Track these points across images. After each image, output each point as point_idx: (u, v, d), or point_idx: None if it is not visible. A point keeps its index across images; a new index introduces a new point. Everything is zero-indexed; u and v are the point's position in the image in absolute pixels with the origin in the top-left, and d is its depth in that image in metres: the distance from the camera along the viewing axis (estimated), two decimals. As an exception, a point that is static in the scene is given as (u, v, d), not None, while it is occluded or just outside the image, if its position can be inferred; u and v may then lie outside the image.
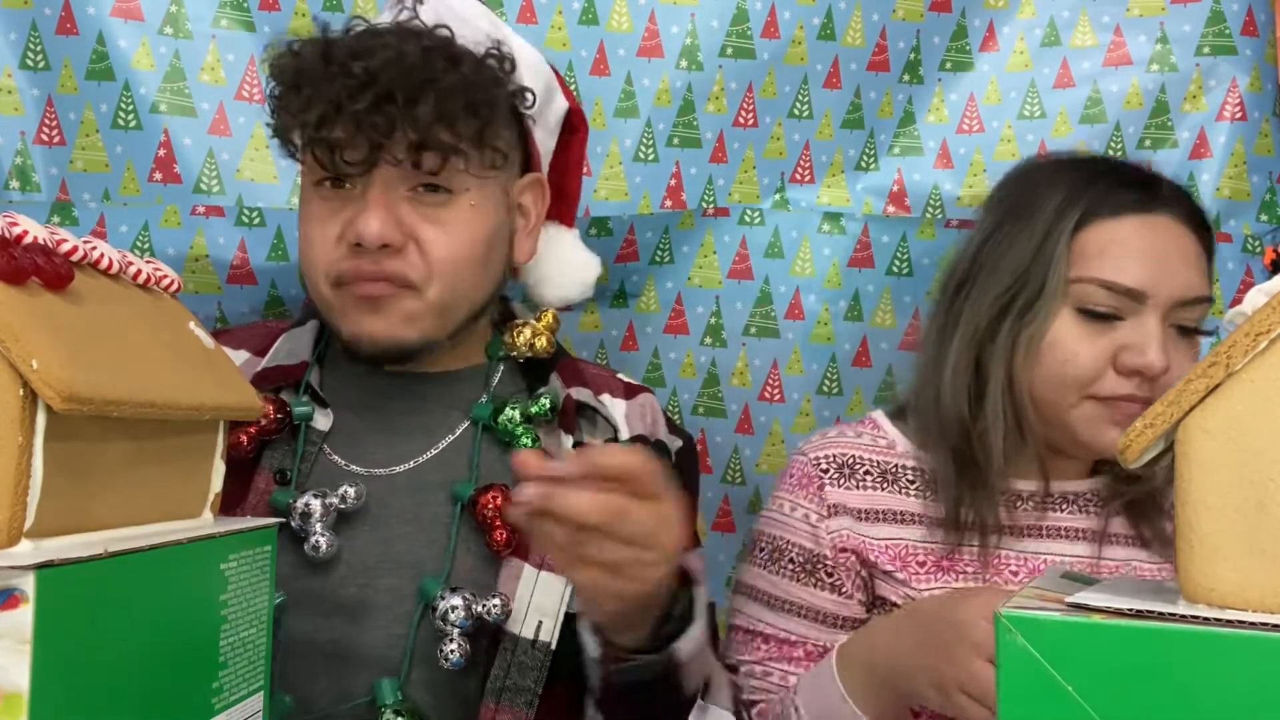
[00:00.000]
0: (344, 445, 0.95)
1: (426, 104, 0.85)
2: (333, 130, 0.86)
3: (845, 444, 1.06)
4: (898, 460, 1.05)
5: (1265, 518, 0.48)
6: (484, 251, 0.93)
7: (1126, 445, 0.52)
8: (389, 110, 0.85)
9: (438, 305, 0.91)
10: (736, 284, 1.32)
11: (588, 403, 0.98)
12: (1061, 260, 0.96)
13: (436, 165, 0.88)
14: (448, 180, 0.90)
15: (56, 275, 0.52)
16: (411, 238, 0.89)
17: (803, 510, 1.03)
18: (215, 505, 0.64)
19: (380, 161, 0.88)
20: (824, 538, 1.02)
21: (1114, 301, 0.95)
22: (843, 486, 1.03)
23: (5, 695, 0.42)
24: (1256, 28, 1.27)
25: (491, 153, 0.92)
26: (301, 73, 0.88)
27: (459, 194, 0.91)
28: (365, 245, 0.88)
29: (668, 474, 0.71)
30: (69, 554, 0.46)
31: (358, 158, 0.87)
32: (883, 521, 1.02)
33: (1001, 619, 0.47)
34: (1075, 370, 0.95)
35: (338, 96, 0.85)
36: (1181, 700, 0.44)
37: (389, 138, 0.86)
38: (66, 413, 0.47)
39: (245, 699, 0.62)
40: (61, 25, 1.17)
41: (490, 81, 0.91)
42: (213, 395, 0.60)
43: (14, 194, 1.18)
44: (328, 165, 0.88)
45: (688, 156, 1.28)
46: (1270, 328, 0.48)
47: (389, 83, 0.85)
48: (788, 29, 1.27)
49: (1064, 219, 0.97)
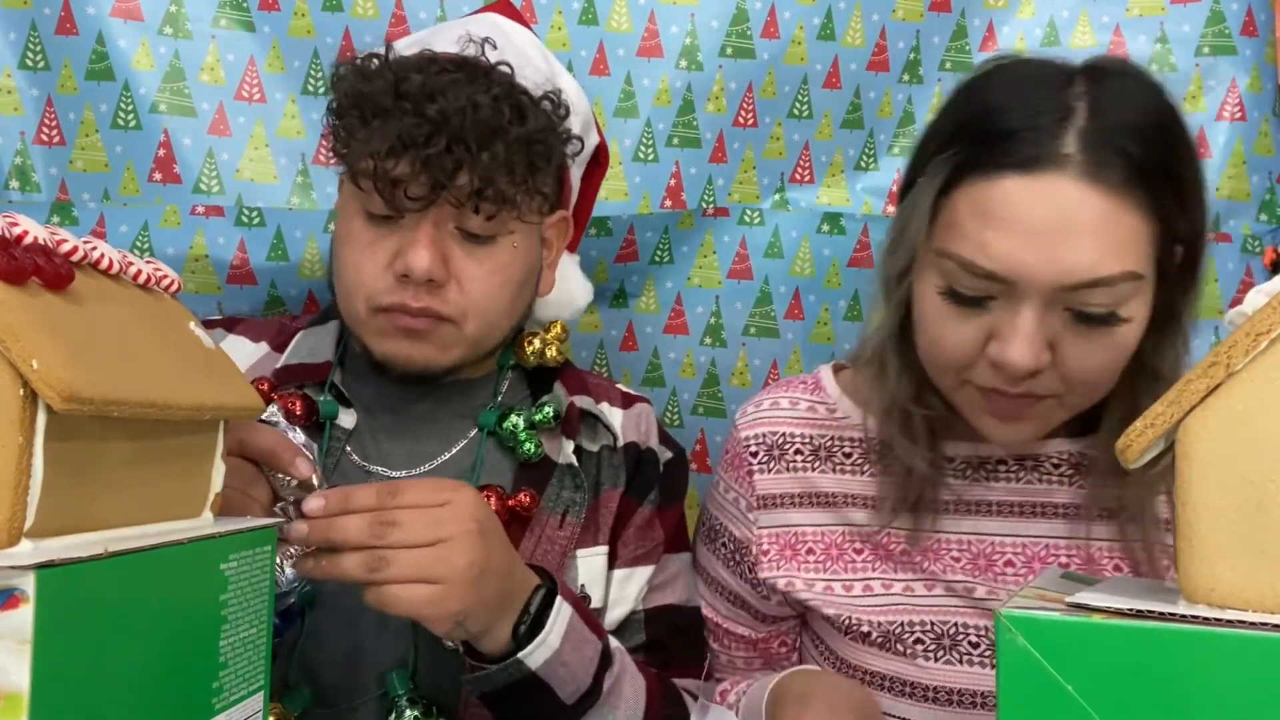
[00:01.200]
0: (364, 446, 0.97)
1: (493, 153, 0.88)
2: (398, 166, 0.88)
3: (777, 418, 1.01)
4: (835, 432, 0.99)
5: (1265, 518, 0.48)
6: (519, 290, 0.97)
7: (1126, 445, 0.52)
8: (457, 154, 0.87)
9: (473, 338, 0.94)
10: (736, 284, 1.32)
11: (590, 410, 1.00)
12: (923, 229, 0.83)
13: (492, 211, 0.90)
14: (493, 228, 0.93)
15: (56, 275, 0.52)
16: (454, 275, 0.92)
17: (734, 494, 1.03)
18: (216, 505, 0.64)
19: (439, 201, 0.89)
20: (753, 529, 1.00)
21: (979, 284, 0.80)
22: (772, 472, 0.99)
23: (5, 695, 0.42)
24: (1256, 28, 1.27)
25: (540, 199, 0.96)
26: (371, 102, 0.89)
27: (503, 236, 0.94)
28: (413, 278, 0.90)
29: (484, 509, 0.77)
30: (69, 554, 0.46)
31: (419, 194, 0.89)
32: (815, 506, 0.99)
33: (1001, 619, 0.47)
34: (943, 355, 0.84)
35: (410, 136, 0.87)
36: (1181, 700, 0.44)
37: (453, 181, 0.88)
38: (67, 413, 0.47)
39: (245, 699, 0.62)
40: (61, 25, 1.17)
41: (549, 133, 0.94)
42: (213, 395, 0.60)
43: (14, 194, 1.18)
44: (388, 199, 0.89)
45: (687, 156, 1.28)
46: (1270, 328, 0.48)
47: (459, 128, 0.87)
48: (788, 29, 1.27)
49: (934, 175, 0.83)
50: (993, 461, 0.96)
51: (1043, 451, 0.96)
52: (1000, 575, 0.94)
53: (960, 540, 0.95)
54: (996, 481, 0.96)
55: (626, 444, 1.01)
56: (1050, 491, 0.95)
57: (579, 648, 0.83)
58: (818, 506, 0.99)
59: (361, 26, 1.22)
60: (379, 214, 0.92)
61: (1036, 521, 0.95)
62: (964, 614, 0.94)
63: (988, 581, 0.94)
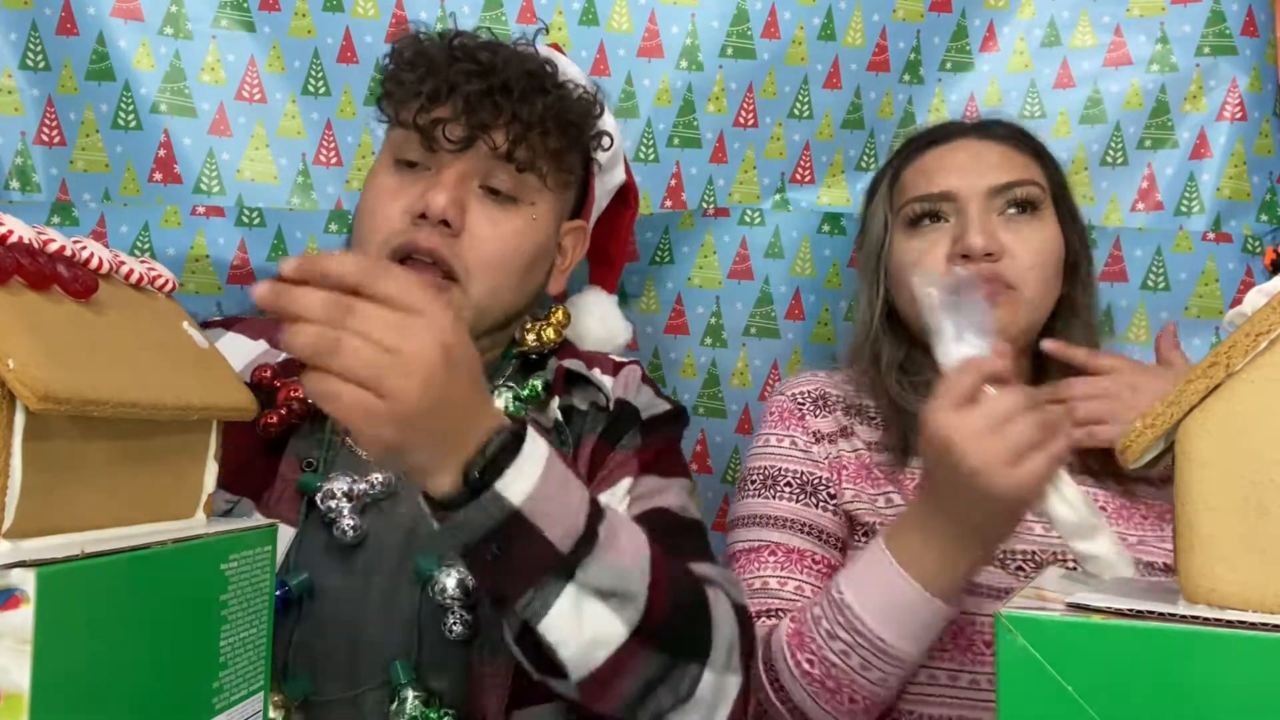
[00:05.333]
0: None
1: (534, 105, 0.93)
2: (442, 105, 0.93)
3: (818, 382, 1.15)
4: (861, 400, 1.13)
5: (1265, 518, 0.48)
6: (528, 263, 0.98)
7: (1127, 445, 0.52)
8: (499, 100, 0.92)
9: (477, 302, 0.94)
10: (736, 284, 1.32)
11: (579, 371, 0.99)
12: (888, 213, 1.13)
13: (524, 163, 0.94)
14: (516, 189, 0.96)
15: (40, 275, 0.52)
16: (468, 228, 0.94)
17: (790, 439, 1.10)
18: (208, 506, 0.64)
19: (474, 145, 0.93)
20: (820, 460, 1.08)
21: (933, 205, 1.09)
22: (819, 416, 1.12)
23: (5, 695, 0.42)
24: (1256, 28, 1.27)
25: (565, 174, 0.99)
26: (424, 54, 0.95)
27: (523, 204, 0.97)
28: (429, 215, 0.92)
29: (431, 293, 0.65)
30: (48, 554, 0.45)
31: (458, 134, 0.92)
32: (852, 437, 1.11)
33: (1002, 619, 0.47)
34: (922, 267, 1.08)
35: (456, 79, 0.93)
36: (1181, 700, 0.44)
37: (493, 124, 0.92)
38: (42, 412, 0.46)
39: (245, 699, 0.62)
40: (62, 25, 1.17)
41: (586, 111, 1.00)
42: (202, 395, 0.60)
43: (14, 194, 1.18)
44: (427, 137, 0.93)
45: (688, 156, 1.28)
46: (1270, 328, 0.48)
47: (505, 76, 0.93)
48: (788, 29, 1.27)
49: (884, 180, 1.16)
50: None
51: None
52: None
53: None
54: None
55: (617, 400, 0.99)
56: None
57: (564, 486, 0.72)
58: (851, 438, 1.11)
59: (362, 26, 1.22)
60: (409, 160, 0.96)
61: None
62: None
63: None
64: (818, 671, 0.91)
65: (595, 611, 0.73)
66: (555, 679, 0.76)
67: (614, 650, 0.74)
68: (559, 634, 0.72)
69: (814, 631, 0.91)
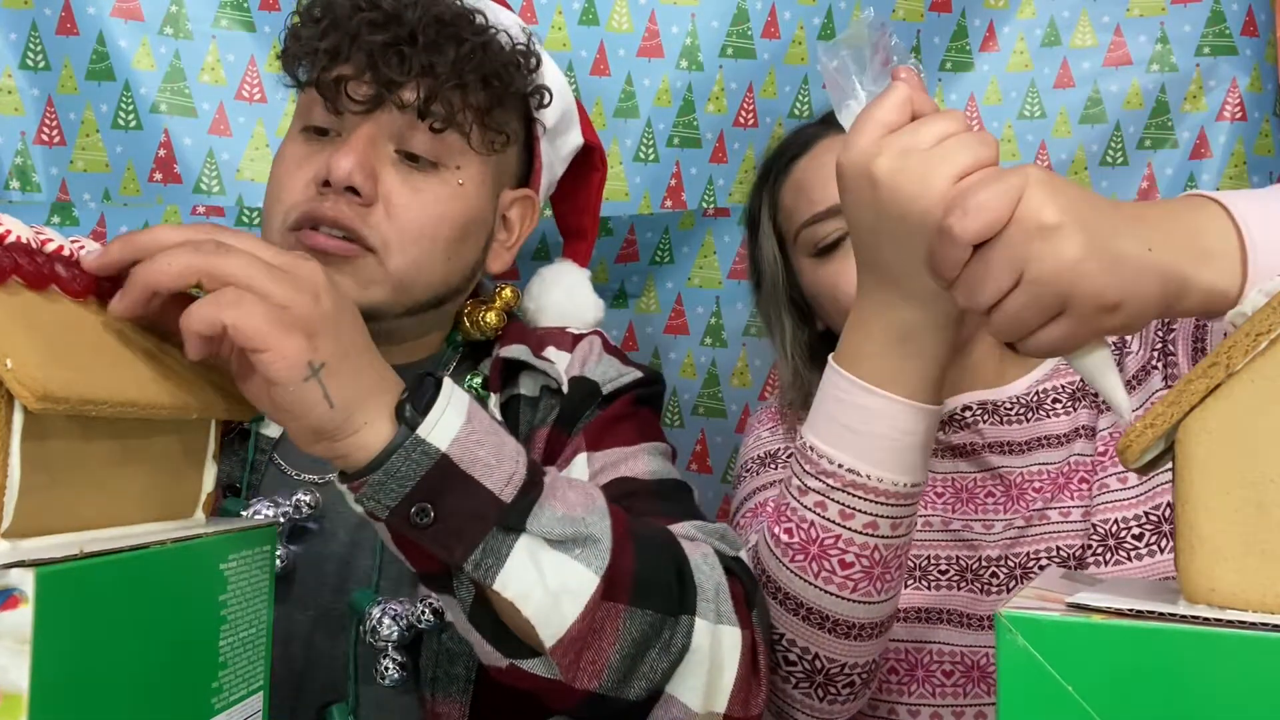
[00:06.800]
0: (293, 452, 0.88)
1: (445, 56, 0.83)
2: (345, 63, 0.83)
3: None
4: None
5: (1265, 518, 0.47)
6: (456, 235, 0.88)
7: (1127, 445, 0.52)
8: (406, 52, 0.82)
9: (396, 277, 0.85)
10: (736, 284, 1.32)
11: (518, 358, 0.90)
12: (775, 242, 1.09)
13: (439, 123, 0.84)
14: (437, 151, 0.86)
15: (38, 275, 0.52)
16: (384, 198, 0.84)
17: (782, 429, 1.08)
18: (207, 506, 0.64)
19: (384, 104, 0.84)
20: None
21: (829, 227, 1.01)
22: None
23: (5, 695, 0.42)
24: (1256, 28, 1.27)
25: (493, 134, 0.89)
26: (329, 7, 0.85)
27: (447, 169, 0.87)
28: (332, 183, 0.82)
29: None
30: (47, 554, 0.45)
31: (363, 93, 0.84)
32: None
33: (1001, 619, 0.47)
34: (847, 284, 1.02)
35: (357, 30, 0.82)
36: (1181, 700, 0.44)
37: (401, 79, 0.83)
38: (40, 412, 0.46)
39: (245, 699, 0.62)
40: (62, 25, 1.17)
41: (511, 64, 0.88)
42: (201, 394, 0.60)
43: (14, 194, 1.18)
44: (330, 99, 0.84)
45: (688, 156, 1.28)
46: (1270, 328, 0.48)
47: (412, 25, 0.83)
48: (788, 29, 1.27)
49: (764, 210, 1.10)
50: (959, 410, 1.02)
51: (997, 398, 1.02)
52: (981, 506, 1.01)
53: (944, 478, 1.02)
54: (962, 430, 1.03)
55: (572, 379, 0.90)
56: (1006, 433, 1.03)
57: (495, 432, 0.64)
58: None
59: (362, 26, 1.22)
60: (317, 126, 0.87)
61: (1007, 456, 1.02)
62: (937, 546, 1.00)
63: (964, 516, 1.01)
64: (798, 539, 0.75)
65: (556, 560, 0.63)
66: (525, 659, 0.65)
67: (586, 601, 0.64)
68: (519, 586, 0.62)
69: (787, 497, 0.77)
